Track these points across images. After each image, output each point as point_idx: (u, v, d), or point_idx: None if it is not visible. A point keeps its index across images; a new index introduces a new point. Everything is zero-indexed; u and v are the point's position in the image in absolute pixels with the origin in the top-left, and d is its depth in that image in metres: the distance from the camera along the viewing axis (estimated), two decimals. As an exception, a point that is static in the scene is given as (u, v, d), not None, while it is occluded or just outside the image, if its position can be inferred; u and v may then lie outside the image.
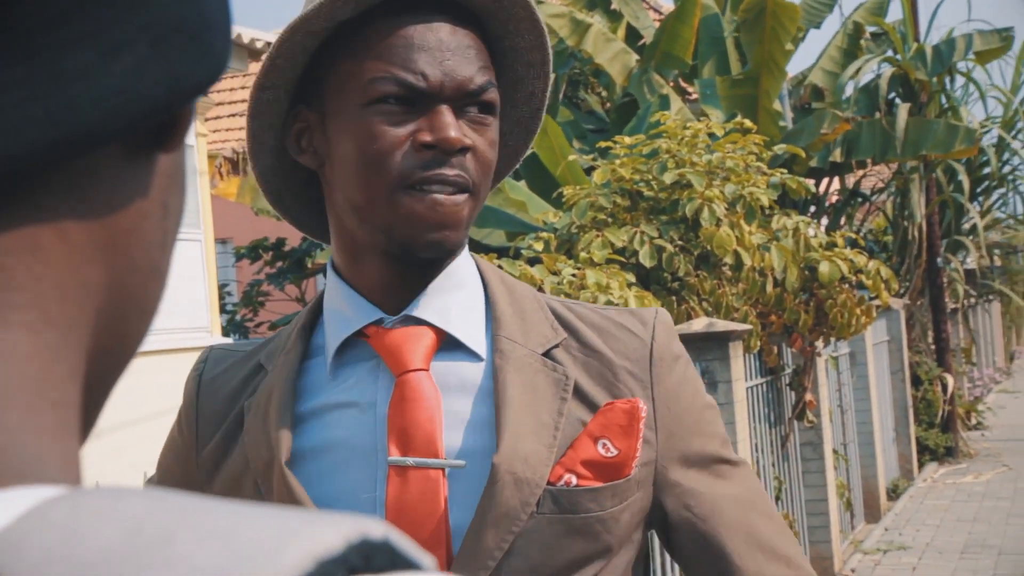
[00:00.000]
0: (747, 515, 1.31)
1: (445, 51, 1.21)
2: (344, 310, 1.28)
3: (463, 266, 1.30)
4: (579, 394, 1.27)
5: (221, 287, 12.59)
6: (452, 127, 1.20)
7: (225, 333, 12.45)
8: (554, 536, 1.22)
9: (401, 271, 1.26)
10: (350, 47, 1.23)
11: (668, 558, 4.75)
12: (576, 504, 1.23)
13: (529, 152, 1.40)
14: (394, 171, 1.20)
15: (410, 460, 1.21)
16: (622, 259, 5.57)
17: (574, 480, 1.23)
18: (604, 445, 1.25)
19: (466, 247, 1.31)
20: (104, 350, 0.46)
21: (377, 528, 0.38)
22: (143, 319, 0.47)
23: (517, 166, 1.35)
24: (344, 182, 1.24)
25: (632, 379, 1.28)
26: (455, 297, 1.28)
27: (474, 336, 1.28)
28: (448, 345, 1.28)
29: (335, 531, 0.37)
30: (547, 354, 1.28)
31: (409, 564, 0.38)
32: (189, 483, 1.36)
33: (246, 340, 1.47)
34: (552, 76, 1.31)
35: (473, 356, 1.28)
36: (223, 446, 1.33)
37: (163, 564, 0.35)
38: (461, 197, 1.21)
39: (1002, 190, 14.81)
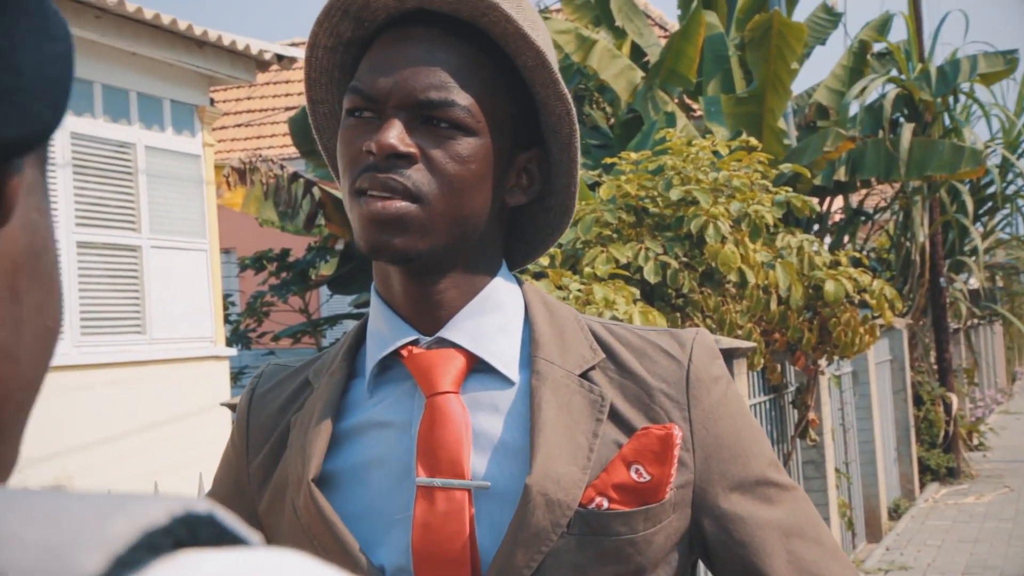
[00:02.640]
0: (791, 542, 1.28)
1: (406, 63, 1.23)
2: (382, 330, 1.31)
3: (500, 288, 1.31)
4: (615, 416, 1.27)
5: (225, 297, 12.60)
6: (389, 133, 1.21)
7: (228, 344, 12.45)
8: (584, 557, 1.22)
9: (413, 285, 1.28)
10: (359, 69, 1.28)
11: None
12: (607, 527, 1.23)
13: None
14: (347, 183, 1.25)
15: (437, 481, 1.23)
16: (626, 274, 5.58)
17: (605, 503, 1.23)
18: (637, 470, 1.24)
19: (503, 267, 1.33)
20: None
21: (201, 504, 0.40)
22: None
23: (576, 189, 1.33)
24: None
25: (669, 401, 1.28)
26: (489, 320, 1.29)
27: (507, 360, 1.28)
28: (481, 367, 1.29)
29: (160, 506, 0.39)
30: (584, 375, 1.28)
31: (236, 539, 0.40)
32: (241, 495, 1.38)
33: (298, 356, 1.50)
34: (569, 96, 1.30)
35: (505, 380, 1.28)
36: (271, 459, 1.36)
37: None
38: (394, 202, 1.21)
39: (1005, 211, 14.82)
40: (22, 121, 0.43)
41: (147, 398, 8.10)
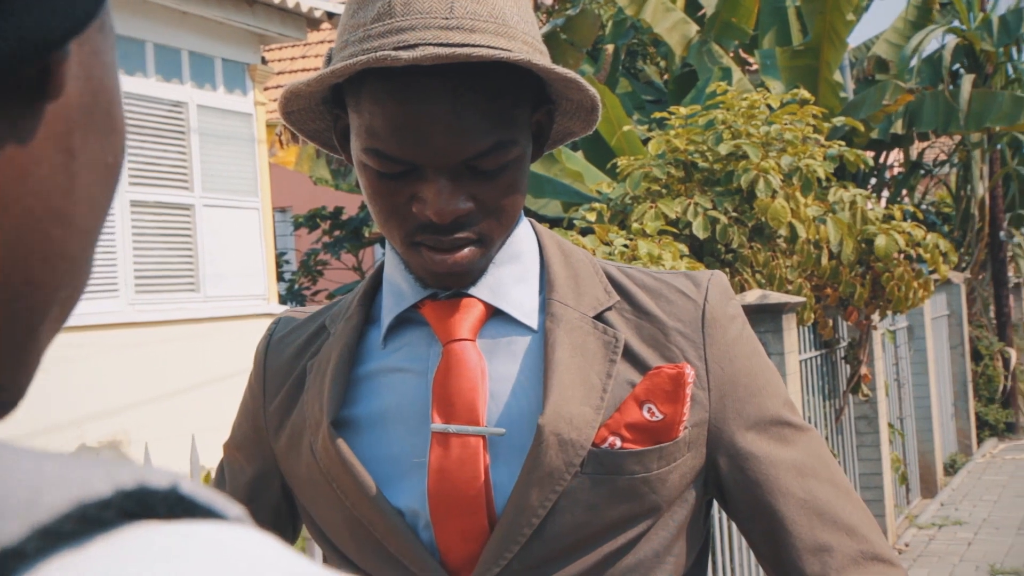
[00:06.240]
0: (806, 481, 1.29)
1: (436, 125, 1.16)
2: (400, 284, 1.31)
3: (519, 237, 1.32)
4: (630, 356, 1.28)
5: (279, 255, 12.69)
6: (442, 199, 1.18)
7: (283, 301, 12.56)
8: (598, 496, 1.24)
9: None
10: (354, 93, 1.21)
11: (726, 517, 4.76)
12: (620, 466, 1.24)
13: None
14: (395, 232, 1.23)
15: (451, 428, 1.24)
16: (675, 230, 5.55)
17: (618, 443, 1.24)
18: (649, 409, 1.25)
19: (522, 216, 1.32)
20: (6, 298, 0.45)
21: (161, 477, 0.39)
22: (52, 266, 0.46)
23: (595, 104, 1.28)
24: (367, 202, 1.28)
25: (684, 340, 1.29)
26: (508, 270, 1.30)
27: (525, 310, 1.29)
28: (499, 315, 1.30)
29: (105, 477, 0.37)
30: (599, 317, 1.29)
31: (206, 512, 0.39)
32: (259, 439, 1.41)
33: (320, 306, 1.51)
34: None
35: (524, 326, 1.29)
36: (287, 403, 1.38)
37: None
38: (462, 252, 1.22)
39: (1070, 163, 14.54)
40: (67, 10, 0.43)
41: (201, 355, 8.19)
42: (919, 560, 7.58)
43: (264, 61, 9.60)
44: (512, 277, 1.30)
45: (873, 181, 12.02)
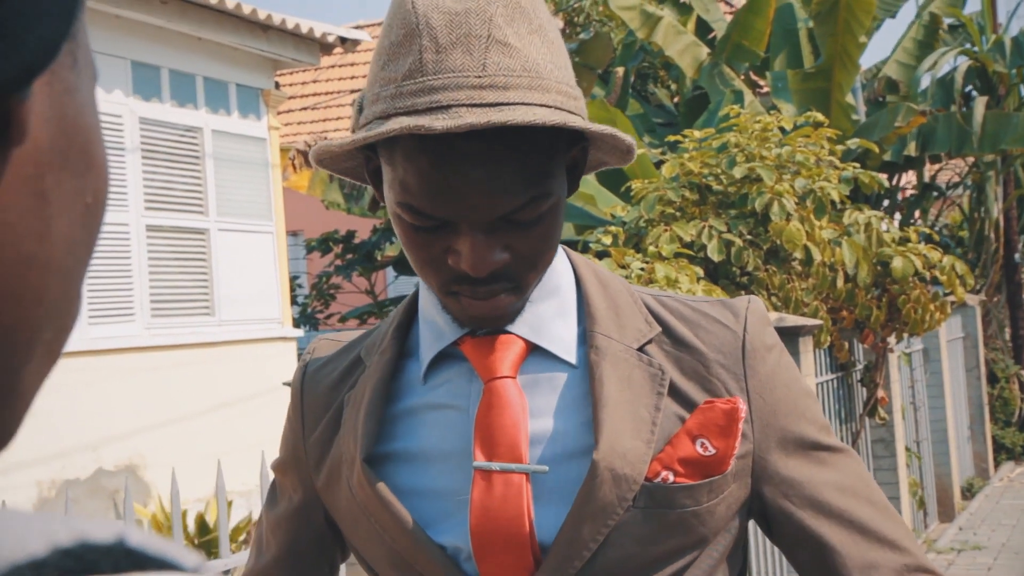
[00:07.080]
0: (847, 501, 1.30)
1: (470, 186, 1.15)
2: (437, 321, 1.31)
3: (557, 270, 1.31)
4: (674, 390, 1.28)
5: (292, 279, 12.70)
6: (476, 253, 1.18)
7: (296, 325, 12.55)
8: (649, 530, 1.24)
9: None
10: (388, 145, 1.20)
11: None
12: (672, 500, 1.25)
13: None
14: (432, 281, 1.23)
15: (495, 465, 1.24)
16: (690, 253, 5.54)
17: (671, 477, 1.25)
18: (703, 444, 1.26)
19: (559, 249, 1.31)
20: None
21: (105, 532, 0.37)
22: (29, 309, 0.45)
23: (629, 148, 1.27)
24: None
25: (725, 372, 1.29)
26: (547, 306, 1.30)
27: (565, 344, 1.29)
28: (538, 351, 1.29)
29: (41, 535, 0.36)
30: (642, 349, 1.29)
31: (161, 564, 0.37)
32: (300, 471, 1.41)
33: (351, 331, 1.50)
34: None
35: (564, 363, 1.29)
36: (326, 436, 1.37)
37: None
38: (500, 299, 1.22)
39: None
40: (19, 55, 0.41)
41: (216, 379, 8.19)
42: (937, 584, 7.52)
43: (277, 86, 9.63)
44: (551, 312, 1.30)
45: (886, 203, 12.00)
